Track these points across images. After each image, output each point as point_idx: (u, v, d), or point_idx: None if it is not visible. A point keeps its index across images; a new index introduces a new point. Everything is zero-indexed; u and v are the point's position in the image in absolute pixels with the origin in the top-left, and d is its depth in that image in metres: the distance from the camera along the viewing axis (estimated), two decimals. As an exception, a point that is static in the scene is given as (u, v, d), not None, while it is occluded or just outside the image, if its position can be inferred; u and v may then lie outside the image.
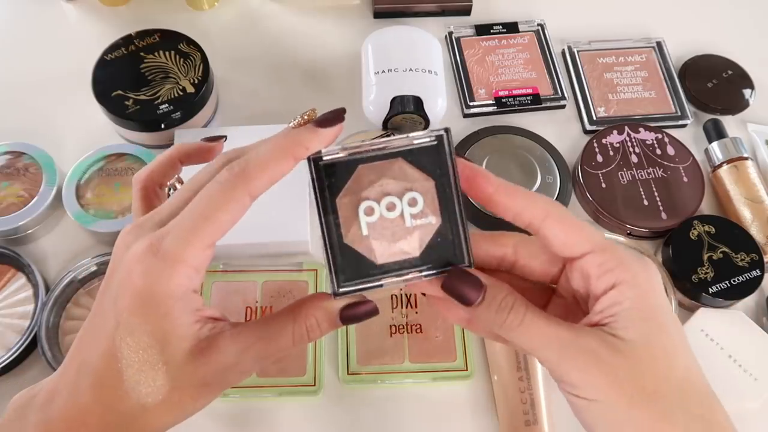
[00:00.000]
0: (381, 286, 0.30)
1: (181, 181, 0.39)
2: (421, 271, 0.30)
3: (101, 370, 0.28)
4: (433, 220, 0.30)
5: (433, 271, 0.30)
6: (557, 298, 0.33)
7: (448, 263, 0.31)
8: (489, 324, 0.30)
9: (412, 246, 0.30)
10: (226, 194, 0.28)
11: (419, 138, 0.30)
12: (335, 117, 0.30)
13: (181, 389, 0.29)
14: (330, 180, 0.29)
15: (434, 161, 0.30)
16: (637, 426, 0.28)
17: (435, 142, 0.30)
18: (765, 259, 0.55)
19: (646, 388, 0.28)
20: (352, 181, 0.30)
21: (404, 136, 0.30)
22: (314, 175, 0.29)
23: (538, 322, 0.29)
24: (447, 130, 0.30)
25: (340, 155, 0.29)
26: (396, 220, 0.30)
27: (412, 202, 0.30)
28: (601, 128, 0.64)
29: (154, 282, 0.28)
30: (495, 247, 0.32)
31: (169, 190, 0.37)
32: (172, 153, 0.35)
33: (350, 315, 0.31)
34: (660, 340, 0.29)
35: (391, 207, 0.30)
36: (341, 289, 0.30)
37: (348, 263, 0.30)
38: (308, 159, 0.29)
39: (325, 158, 0.29)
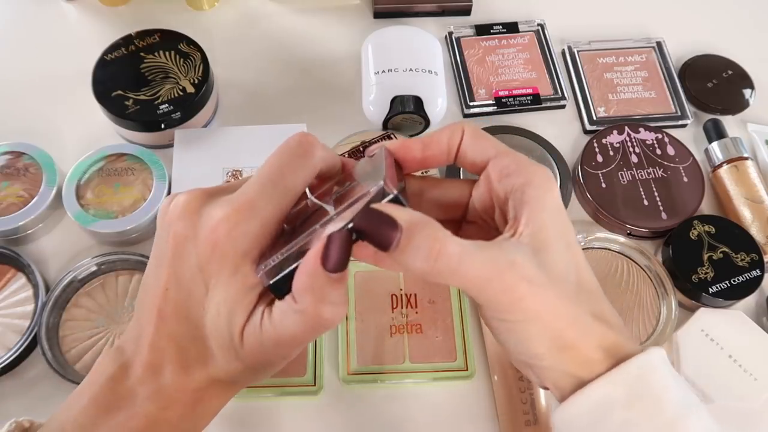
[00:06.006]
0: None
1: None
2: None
3: (199, 340, 0.30)
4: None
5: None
6: (466, 224, 0.34)
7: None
8: (412, 271, 0.27)
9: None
10: (293, 160, 0.30)
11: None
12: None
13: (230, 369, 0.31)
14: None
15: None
16: (560, 330, 0.29)
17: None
18: (765, 259, 0.55)
19: (569, 291, 0.29)
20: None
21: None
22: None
23: (474, 260, 0.27)
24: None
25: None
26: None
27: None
28: (601, 128, 0.64)
29: (237, 245, 0.29)
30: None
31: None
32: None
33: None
34: (562, 236, 0.30)
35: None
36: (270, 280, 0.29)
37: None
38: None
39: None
